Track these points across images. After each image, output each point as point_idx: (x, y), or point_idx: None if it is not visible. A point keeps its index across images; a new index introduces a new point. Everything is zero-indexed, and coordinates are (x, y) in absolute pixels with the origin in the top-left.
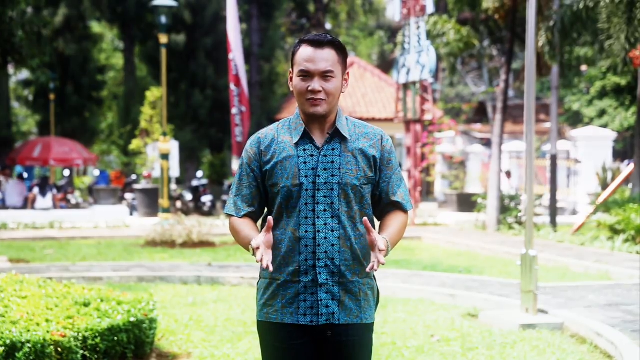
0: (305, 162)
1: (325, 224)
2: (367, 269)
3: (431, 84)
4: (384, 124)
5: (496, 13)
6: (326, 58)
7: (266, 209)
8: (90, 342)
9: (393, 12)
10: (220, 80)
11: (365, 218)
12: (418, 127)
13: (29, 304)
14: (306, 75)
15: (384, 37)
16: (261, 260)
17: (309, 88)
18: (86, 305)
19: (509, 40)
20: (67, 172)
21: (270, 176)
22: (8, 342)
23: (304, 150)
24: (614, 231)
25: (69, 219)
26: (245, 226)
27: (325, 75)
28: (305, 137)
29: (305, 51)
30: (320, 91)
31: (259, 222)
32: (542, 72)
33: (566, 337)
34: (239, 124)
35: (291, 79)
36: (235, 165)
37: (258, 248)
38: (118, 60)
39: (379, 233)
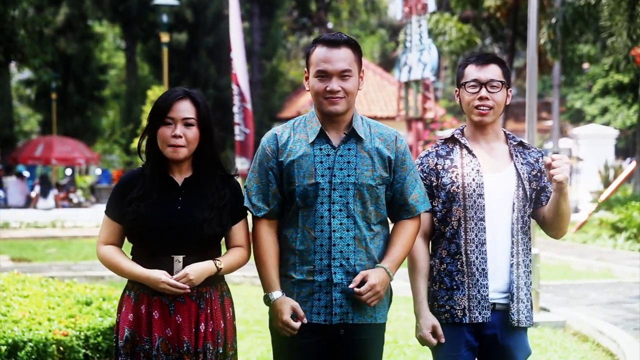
0: (321, 162)
1: (341, 224)
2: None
3: (433, 82)
4: (385, 122)
5: (498, 11)
6: (343, 58)
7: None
8: (92, 341)
9: (395, 10)
10: (222, 79)
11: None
12: (420, 125)
13: (31, 303)
14: (324, 75)
15: (385, 35)
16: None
17: (327, 88)
18: (88, 304)
19: (511, 38)
20: (69, 171)
21: (287, 175)
22: (10, 341)
23: (320, 149)
24: (616, 229)
25: (71, 218)
26: (272, 251)
27: (343, 75)
28: (322, 137)
29: (321, 51)
30: (339, 91)
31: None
32: (544, 70)
33: (568, 335)
34: (240, 122)
35: (306, 78)
36: (238, 164)
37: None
38: (120, 59)
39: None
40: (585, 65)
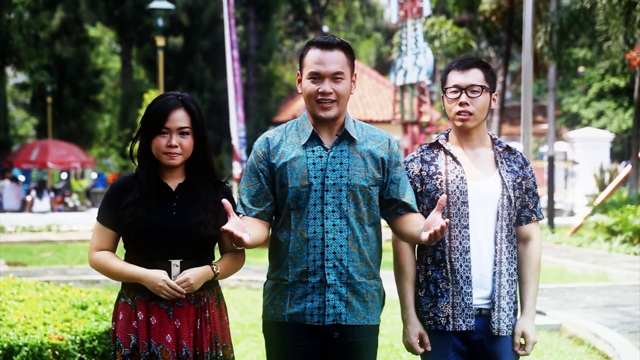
0: (314, 163)
1: (334, 225)
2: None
3: (428, 86)
4: (381, 125)
5: (493, 15)
6: (336, 60)
7: (247, 207)
8: (87, 345)
9: (390, 14)
10: (218, 83)
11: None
12: (415, 128)
13: (27, 308)
14: (316, 77)
15: (381, 39)
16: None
17: (320, 90)
18: (83, 308)
19: (506, 42)
20: (64, 175)
21: (279, 177)
22: (5, 345)
23: (313, 151)
24: (612, 232)
25: (67, 222)
26: (253, 227)
27: (335, 77)
28: (314, 139)
29: (314, 53)
30: (331, 93)
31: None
32: (539, 74)
33: (564, 338)
34: (234, 127)
35: (299, 81)
36: (234, 168)
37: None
38: (115, 63)
39: (408, 229)
40: (581, 69)
